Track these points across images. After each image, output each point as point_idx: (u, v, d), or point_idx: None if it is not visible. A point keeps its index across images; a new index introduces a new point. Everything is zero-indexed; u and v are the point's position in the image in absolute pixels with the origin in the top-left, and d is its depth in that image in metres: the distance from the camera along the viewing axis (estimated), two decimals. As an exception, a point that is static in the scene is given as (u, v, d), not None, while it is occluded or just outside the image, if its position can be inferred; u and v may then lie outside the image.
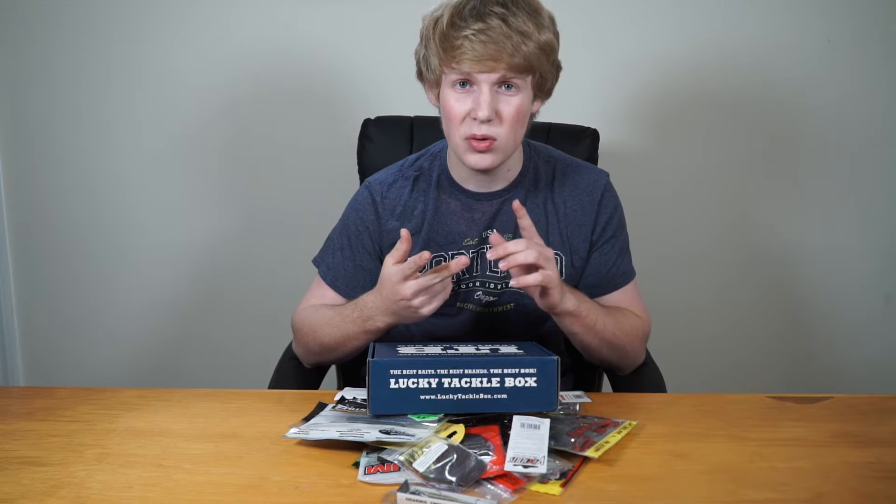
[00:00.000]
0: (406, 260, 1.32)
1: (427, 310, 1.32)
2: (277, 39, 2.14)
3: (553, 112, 1.51)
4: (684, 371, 1.89)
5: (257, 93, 2.17)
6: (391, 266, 1.32)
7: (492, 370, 1.18)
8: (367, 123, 1.79)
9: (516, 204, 1.33)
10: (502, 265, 1.28)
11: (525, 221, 1.32)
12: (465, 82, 1.34)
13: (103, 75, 2.17)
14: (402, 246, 1.32)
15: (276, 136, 2.20)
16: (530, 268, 1.28)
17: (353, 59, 2.14)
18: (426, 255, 1.29)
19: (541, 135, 1.72)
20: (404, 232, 1.32)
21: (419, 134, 1.75)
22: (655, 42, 2.12)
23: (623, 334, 1.45)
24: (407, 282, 1.30)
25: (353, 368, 1.66)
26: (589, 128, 1.78)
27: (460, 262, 1.29)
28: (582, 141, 1.76)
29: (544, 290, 1.31)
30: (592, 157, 1.76)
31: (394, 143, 1.75)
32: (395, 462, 1.08)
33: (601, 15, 2.11)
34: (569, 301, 1.35)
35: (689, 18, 2.11)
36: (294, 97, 2.18)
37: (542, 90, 1.40)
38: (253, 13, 2.12)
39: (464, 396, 1.18)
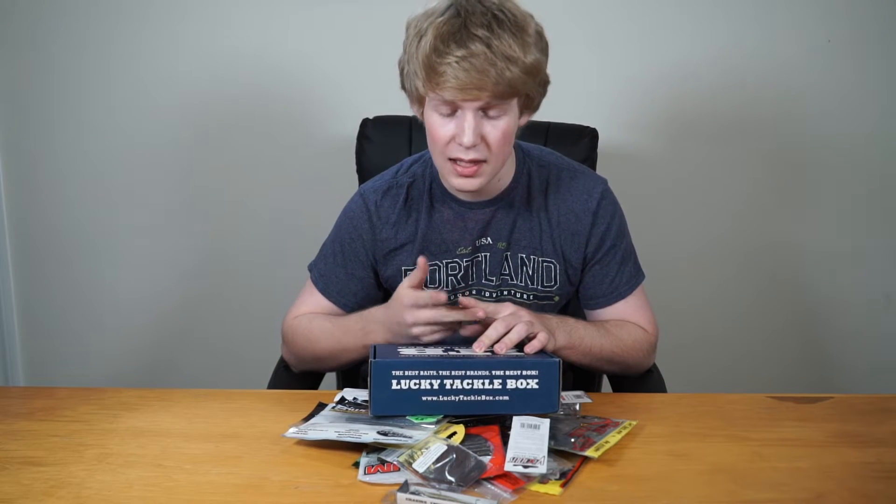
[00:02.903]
0: (422, 286, 1.32)
1: (426, 339, 1.31)
2: (276, 39, 2.14)
3: (552, 111, 1.51)
4: (684, 371, 1.89)
5: (256, 93, 2.17)
6: (406, 289, 1.32)
7: (494, 372, 1.18)
8: (365, 123, 1.79)
9: (464, 301, 1.32)
10: (499, 349, 1.25)
11: (481, 309, 1.29)
12: (448, 107, 1.31)
13: (103, 75, 2.17)
14: (418, 273, 1.32)
15: (275, 137, 2.20)
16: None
17: (352, 58, 2.13)
18: (443, 296, 1.30)
19: (539, 134, 1.72)
20: (421, 260, 1.32)
21: (418, 134, 1.74)
22: (655, 41, 2.12)
23: (622, 349, 1.44)
24: (417, 310, 1.29)
25: (352, 367, 1.65)
26: (588, 127, 1.78)
27: (477, 315, 1.28)
28: (581, 140, 1.75)
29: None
30: (591, 157, 1.75)
31: (392, 142, 1.75)
32: (395, 462, 1.08)
33: (600, 14, 2.11)
34: (560, 338, 1.34)
35: (689, 18, 2.11)
36: (293, 97, 2.17)
37: (529, 107, 1.37)
38: (251, 13, 2.12)
39: (465, 398, 1.18)
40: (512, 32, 1.27)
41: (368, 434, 1.12)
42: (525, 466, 1.06)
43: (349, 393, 1.30)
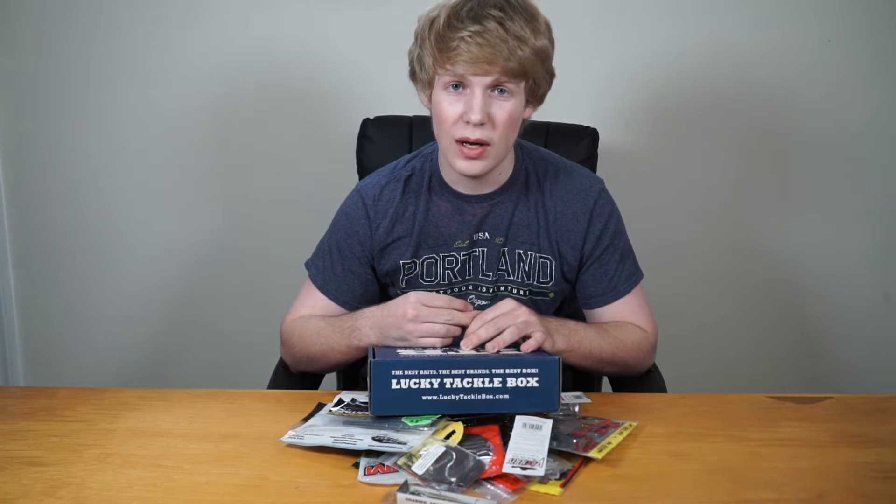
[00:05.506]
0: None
1: (421, 341, 1.30)
2: (276, 39, 2.14)
3: (552, 112, 1.51)
4: (684, 371, 1.89)
5: (257, 93, 2.17)
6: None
7: (493, 370, 1.18)
8: (366, 123, 1.79)
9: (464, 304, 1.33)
10: (490, 348, 1.25)
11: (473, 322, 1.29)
12: (457, 84, 1.32)
13: (103, 75, 2.17)
14: (455, 302, 1.32)
15: (275, 137, 2.20)
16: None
17: (352, 58, 2.13)
18: (459, 302, 1.31)
19: (540, 134, 1.72)
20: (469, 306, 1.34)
21: (418, 133, 1.74)
22: (655, 41, 2.12)
23: (622, 350, 1.44)
24: (422, 306, 1.30)
25: (352, 367, 1.65)
26: (588, 127, 1.78)
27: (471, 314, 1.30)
28: (581, 140, 1.75)
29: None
30: (592, 157, 1.75)
31: (393, 142, 1.75)
32: (394, 465, 1.08)
33: (601, 13, 2.11)
34: (559, 341, 1.34)
35: (689, 17, 2.11)
36: (293, 97, 2.17)
37: (535, 96, 1.39)
38: (252, 13, 2.12)
39: (465, 397, 1.18)
40: (524, 17, 1.31)
41: (364, 440, 1.12)
42: (523, 468, 1.06)
43: (347, 395, 1.29)
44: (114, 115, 2.20)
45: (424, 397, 1.17)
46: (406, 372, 1.17)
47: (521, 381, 1.18)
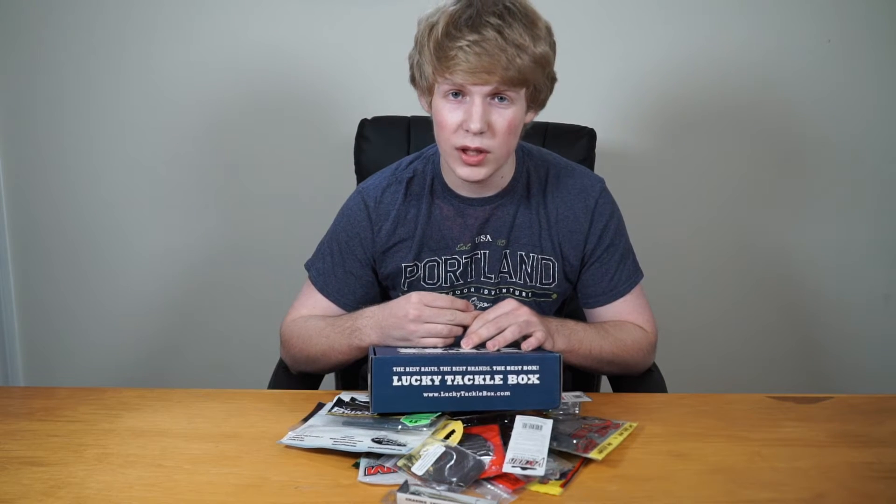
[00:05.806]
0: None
1: (423, 341, 1.30)
2: (274, 39, 2.14)
3: (550, 112, 1.50)
4: (684, 371, 1.89)
5: (255, 93, 2.17)
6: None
7: (494, 367, 1.18)
8: (363, 124, 1.79)
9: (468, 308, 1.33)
10: (491, 346, 1.25)
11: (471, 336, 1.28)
12: (457, 92, 1.32)
13: (103, 75, 2.17)
14: (457, 303, 1.32)
15: (273, 137, 2.20)
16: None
17: (350, 59, 2.13)
18: (461, 302, 1.31)
19: (538, 134, 1.72)
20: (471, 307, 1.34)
21: (416, 134, 1.74)
22: (654, 42, 2.12)
23: (623, 350, 1.44)
24: (425, 306, 1.29)
25: (352, 368, 1.65)
26: (586, 127, 1.78)
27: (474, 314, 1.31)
28: (579, 140, 1.75)
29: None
30: (590, 157, 1.76)
31: (390, 143, 1.75)
32: (394, 466, 1.08)
33: (599, 14, 2.11)
34: (560, 341, 1.34)
35: (689, 17, 2.11)
36: (291, 98, 2.17)
37: (536, 102, 1.38)
38: (250, 14, 2.12)
39: (466, 394, 1.18)
40: (523, 23, 1.29)
41: (363, 441, 1.12)
42: (523, 468, 1.06)
43: (346, 396, 1.29)
44: (113, 116, 2.20)
45: (425, 394, 1.17)
46: (407, 369, 1.17)
47: (522, 378, 1.18)
